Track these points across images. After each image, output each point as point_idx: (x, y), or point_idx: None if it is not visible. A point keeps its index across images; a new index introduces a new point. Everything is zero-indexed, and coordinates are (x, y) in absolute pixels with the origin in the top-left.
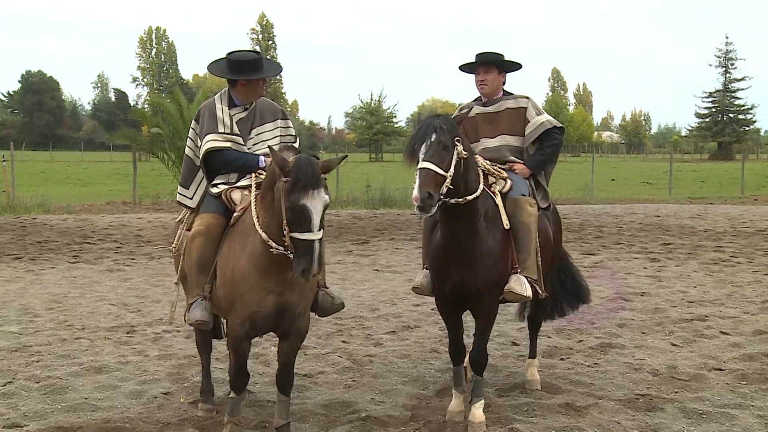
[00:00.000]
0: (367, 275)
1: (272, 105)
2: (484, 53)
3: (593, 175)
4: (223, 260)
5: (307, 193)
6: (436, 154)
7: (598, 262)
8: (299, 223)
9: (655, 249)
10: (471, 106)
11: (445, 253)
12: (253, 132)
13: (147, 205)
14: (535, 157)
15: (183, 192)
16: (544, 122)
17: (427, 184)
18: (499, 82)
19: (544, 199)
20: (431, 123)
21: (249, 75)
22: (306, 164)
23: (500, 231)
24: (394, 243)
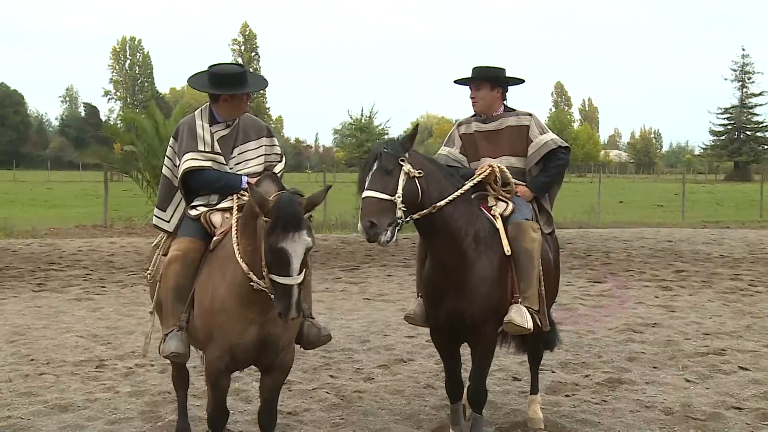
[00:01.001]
0: (356, 304)
1: (256, 122)
2: (477, 68)
3: (600, 196)
4: (202, 288)
5: (286, 236)
6: (378, 181)
7: (605, 291)
8: (278, 265)
9: (667, 276)
10: (470, 122)
11: (436, 279)
12: (236, 151)
13: (119, 228)
14: (539, 178)
15: (159, 215)
16: (548, 142)
17: (368, 213)
18: (492, 99)
19: (548, 224)
20: (375, 151)
21: (232, 90)
22: (287, 204)
23: (497, 256)
24: (385, 270)
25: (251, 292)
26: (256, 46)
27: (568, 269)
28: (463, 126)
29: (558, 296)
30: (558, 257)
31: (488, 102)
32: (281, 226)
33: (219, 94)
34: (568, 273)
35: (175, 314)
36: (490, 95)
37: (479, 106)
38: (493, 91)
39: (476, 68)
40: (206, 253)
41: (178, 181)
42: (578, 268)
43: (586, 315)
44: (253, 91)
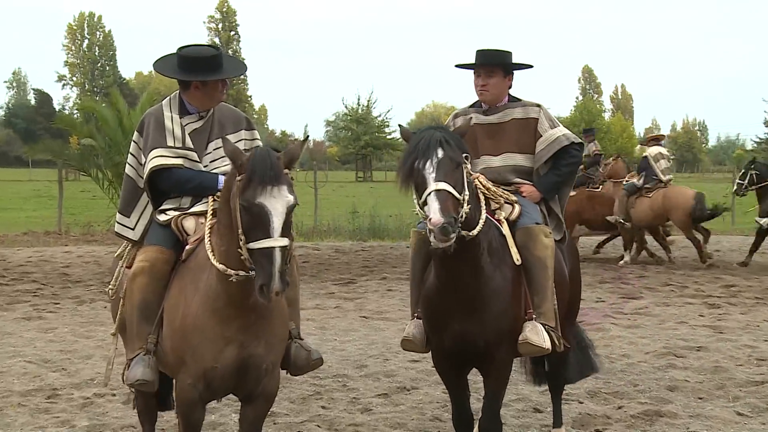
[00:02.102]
0: (352, 323)
1: (234, 112)
2: (487, 51)
3: None
4: (172, 304)
5: (264, 190)
6: (450, 173)
7: (641, 308)
8: (256, 227)
9: (714, 292)
10: (468, 113)
11: (442, 299)
12: (211, 146)
13: (76, 235)
14: (548, 177)
15: (122, 221)
16: (560, 137)
17: (448, 208)
18: (503, 88)
19: (558, 230)
20: (433, 136)
21: (205, 75)
22: (263, 156)
23: (509, 267)
24: (386, 283)
25: (229, 305)
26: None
27: (598, 283)
28: (460, 117)
29: (585, 314)
30: (577, 268)
31: (499, 91)
32: (258, 179)
33: (190, 81)
34: (597, 287)
35: (142, 335)
36: (503, 84)
37: (489, 96)
38: (505, 80)
39: (485, 51)
40: (177, 264)
41: (143, 181)
42: (609, 281)
43: (620, 336)
44: (230, 78)
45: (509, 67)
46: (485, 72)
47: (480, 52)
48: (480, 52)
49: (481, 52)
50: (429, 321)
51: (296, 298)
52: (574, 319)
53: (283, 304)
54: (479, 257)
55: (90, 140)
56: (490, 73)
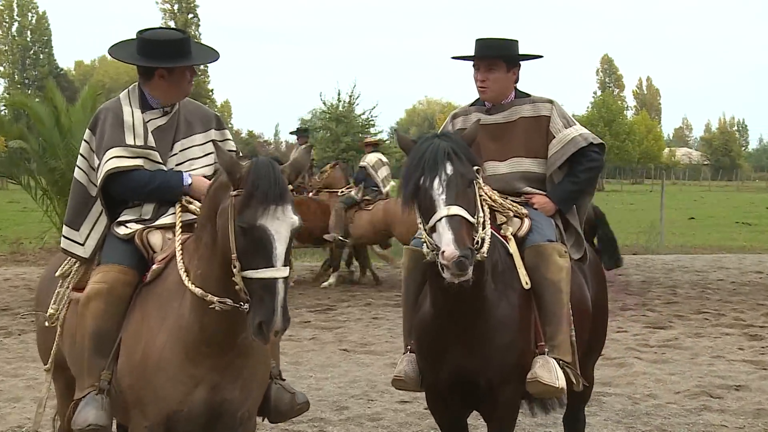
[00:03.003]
0: (331, 357)
1: (202, 109)
2: (487, 41)
3: (663, 210)
4: (132, 334)
5: (267, 210)
6: (462, 194)
7: (670, 340)
8: (255, 253)
9: (756, 321)
10: (469, 113)
11: (438, 329)
12: (177, 146)
13: (4, 254)
14: (564, 185)
15: (71, 235)
16: (576, 138)
17: (463, 238)
18: (507, 83)
19: (577, 247)
20: (439, 148)
21: (171, 61)
22: (266, 169)
23: (517, 293)
24: (370, 310)
25: (202, 340)
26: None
27: (620, 310)
28: (460, 118)
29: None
30: (603, 293)
31: (502, 87)
32: (260, 196)
33: (154, 68)
34: (619, 315)
35: (94, 371)
36: (506, 79)
37: (490, 93)
38: (509, 74)
39: (485, 41)
40: (140, 286)
41: (98, 188)
42: (633, 308)
43: (645, 373)
44: (200, 65)
45: (513, 59)
46: (485, 65)
47: (479, 42)
48: (479, 42)
49: (480, 42)
50: (423, 354)
51: None
52: (598, 354)
53: None
54: (482, 281)
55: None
56: (490, 67)
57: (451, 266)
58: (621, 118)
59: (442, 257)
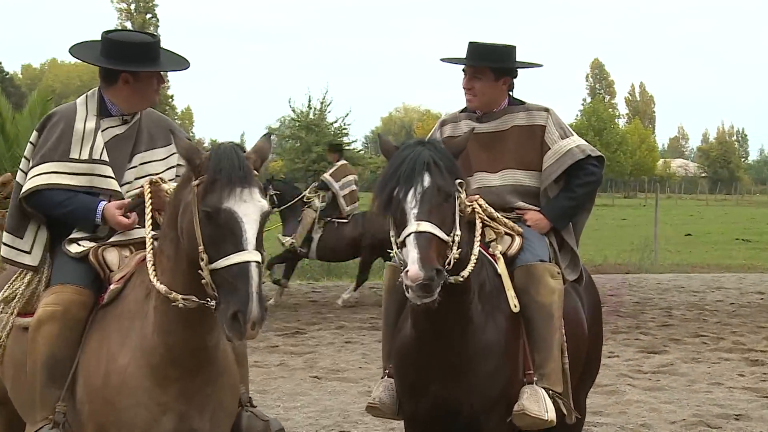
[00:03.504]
0: (300, 385)
1: (166, 122)
2: (478, 46)
3: (657, 227)
4: (91, 360)
5: (233, 192)
6: (437, 209)
7: (665, 366)
8: (223, 239)
9: (757, 345)
10: (459, 120)
11: (419, 353)
12: (137, 158)
13: None
14: (560, 201)
15: (13, 242)
16: (573, 149)
17: (430, 258)
18: (495, 93)
19: (572, 268)
20: (420, 156)
21: (138, 65)
22: (229, 152)
23: (505, 316)
24: (343, 333)
25: (169, 362)
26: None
27: (611, 333)
28: (448, 125)
29: None
30: (598, 317)
31: (489, 97)
32: (224, 179)
33: (118, 72)
34: (610, 339)
35: (48, 402)
36: (493, 88)
37: (477, 103)
38: (498, 83)
39: (476, 46)
40: (96, 309)
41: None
42: (625, 331)
43: (638, 401)
44: (170, 71)
45: (502, 69)
46: (472, 72)
47: (471, 46)
48: (471, 46)
49: (471, 46)
50: (402, 380)
51: (245, 354)
52: (591, 382)
53: (233, 365)
54: (468, 303)
55: None
56: (477, 74)
57: (413, 288)
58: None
59: (405, 276)
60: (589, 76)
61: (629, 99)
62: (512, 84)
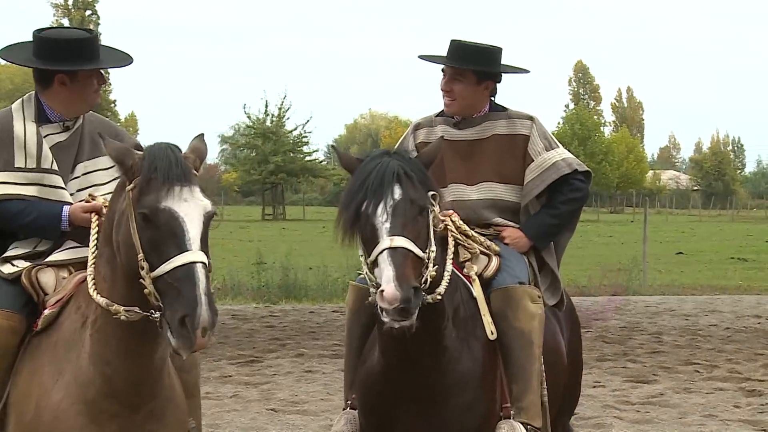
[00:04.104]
0: (256, 419)
1: (111, 127)
2: (461, 45)
3: (646, 244)
4: (22, 392)
5: (171, 191)
6: (411, 224)
7: (655, 396)
8: (164, 242)
9: (754, 374)
10: (435, 125)
11: (389, 384)
12: (79, 168)
13: None
14: (542, 218)
15: None
16: (558, 162)
17: (407, 276)
18: (476, 98)
19: (552, 291)
20: (388, 167)
21: (74, 64)
22: (163, 150)
23: (481, 344)
24: (303, 362)
25: (107, 394)
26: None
27: (596, 360)
28: (423, 130)
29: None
30: (578, 343)
31: (469, 102)
32: (160, 177)
33: (53, 73)
34: (595, 367)
35: None
36: (474, 93)
37: (455, 107)
38: (480, 87)
39: (460, 45)
40: (29, 336)
41: None
42: (612, 359)
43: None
44: (110, 68)
45: (485, 73)
46: (451, 74)
47: (452, 45)
48: (452, 45)
49: (453, 45)
50: (367, 413)
51: (197, 386)
52: (570, 414)
53: (180, 397)
54: (442, 329)
55: None
56: (458, 76)
57: (390, 311)
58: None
59: (380, 297)
60: (572, 80)
61: (616, 105)
62: (495, 89)
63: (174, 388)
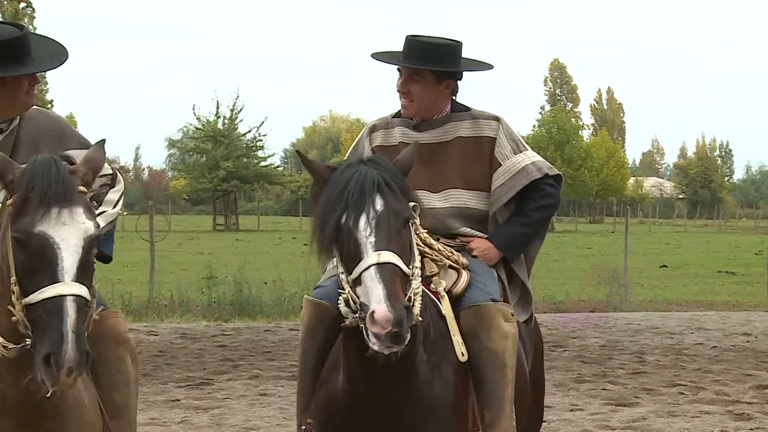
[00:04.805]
0: None
1: (56, 122)
2: (417, 42)
3: (627, 257)
4: None
5: (48, 214)
6: (396, 236)
7: (637, 420)
8: (36, 268)
9: (742, 396)
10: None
11: (353, 413)
12: None
13: None
14: (511, 227)
15: None
16: (528, 167)
17: (398, 294)
18: (436, 98)
19: (522, 305)
20: (367, 177)
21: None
22: (46, 165)
23: (452, 368)
24: (257, 384)
25: None
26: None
27: (574, 382)
28: (379, 132)
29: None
30: (540, 362)
31: (428, 104)
32: (37, 198)
33: None
34: (573, 389)
35: None
36: (433, 93)
37: (414, 109)
38: (439, 86)
39: (415, 42)
40: None
41: None
42: (590, 380)
43: None
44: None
45: (446, 72)
46: (408, 73)
47: (408, 41)
48: (408, 41)
49: (409, 41)
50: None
51: (128, 406)
52: None
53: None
54: (413, 353)
55: None
56: (415, 76)
57: (382, 336)
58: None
59: (370, 320)
60: (548, 80)
61: (595, 107)
62: (456, 87)
63: (82, 406)
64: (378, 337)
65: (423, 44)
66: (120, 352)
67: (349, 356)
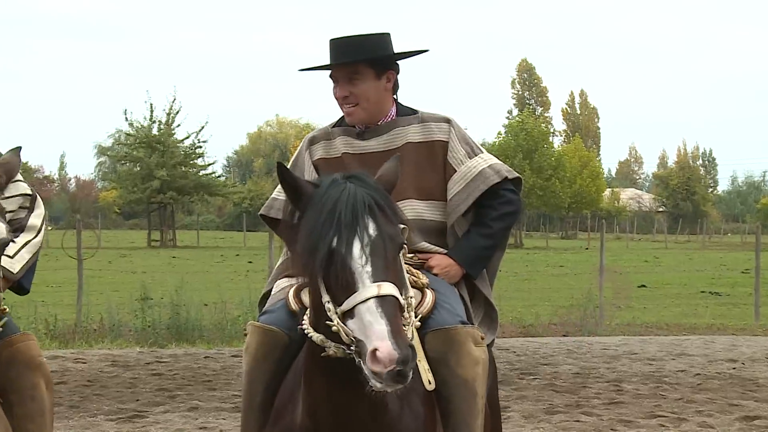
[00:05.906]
0: None
1: None
2: (344, 41)
3: (603, 276)
4: None
5: None
6: (392, 265)
7: None
8: None
9: (729, 428)
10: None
11: None
12: None
13: None
14: (472, 240)
15: None
16: (485, 171)
17: (402, 330)
18: (381, 95)
19: (488, 324)
20: (357, 197)
21: None
22: None
23: (421, 399)
24: (197, 416)
25: None
26: None
27: (545, 413)
28: (319, 145)
29: None
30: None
31: (375, 103)
32: None
33: None
34: (543, 420)
35: None
36: (377, 89)
37: (361, 113)
38: (380, 81)
39: (341, 41)
40: None
41: None
42: (563, 411)
43: None
44: None
45: (383, 61)
46: (345, 76)
47: (333, 43)
48: (333, 43)
49: (334, 43)
50: None
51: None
52: None
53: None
54: None
55: None
56: (352, 77)
57: (384, 376)
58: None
59: (371, 358)
60: (516, 82)
61: (567, 111)
62: (397, 83)
63: None
64: (379, 376)
65: (350, 39)
66: (34, 378)
67: (312, 388)
